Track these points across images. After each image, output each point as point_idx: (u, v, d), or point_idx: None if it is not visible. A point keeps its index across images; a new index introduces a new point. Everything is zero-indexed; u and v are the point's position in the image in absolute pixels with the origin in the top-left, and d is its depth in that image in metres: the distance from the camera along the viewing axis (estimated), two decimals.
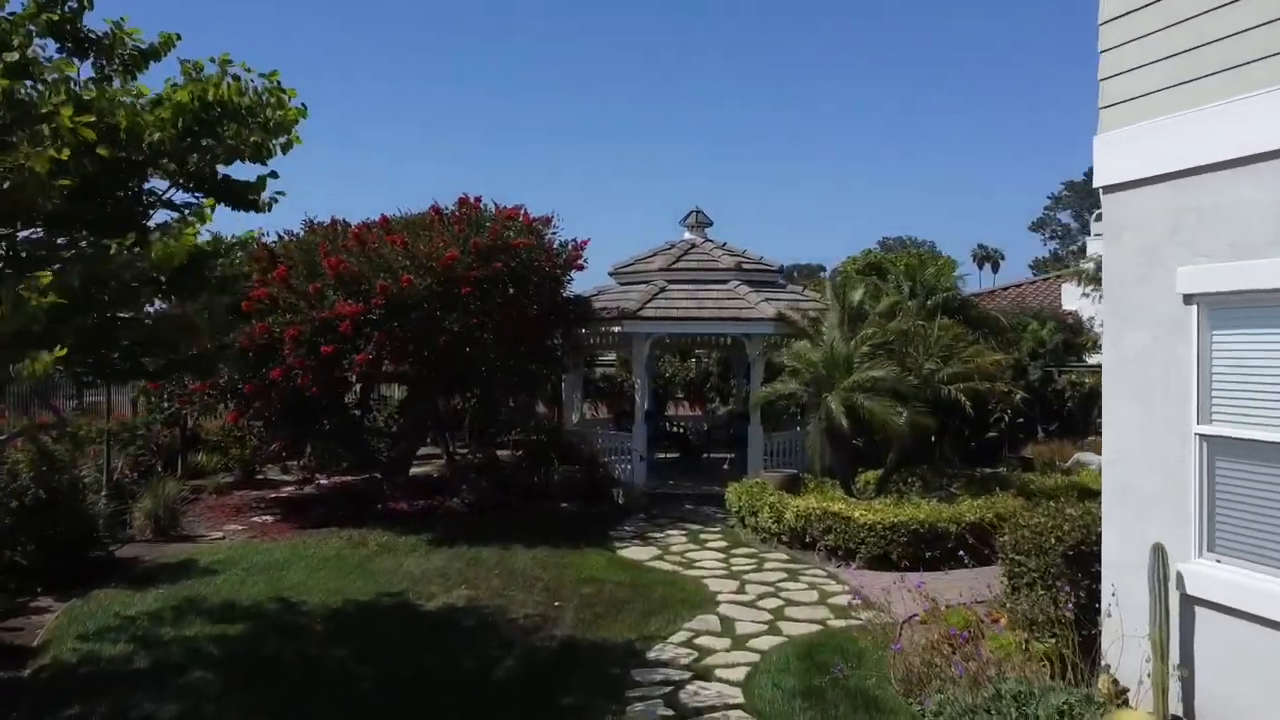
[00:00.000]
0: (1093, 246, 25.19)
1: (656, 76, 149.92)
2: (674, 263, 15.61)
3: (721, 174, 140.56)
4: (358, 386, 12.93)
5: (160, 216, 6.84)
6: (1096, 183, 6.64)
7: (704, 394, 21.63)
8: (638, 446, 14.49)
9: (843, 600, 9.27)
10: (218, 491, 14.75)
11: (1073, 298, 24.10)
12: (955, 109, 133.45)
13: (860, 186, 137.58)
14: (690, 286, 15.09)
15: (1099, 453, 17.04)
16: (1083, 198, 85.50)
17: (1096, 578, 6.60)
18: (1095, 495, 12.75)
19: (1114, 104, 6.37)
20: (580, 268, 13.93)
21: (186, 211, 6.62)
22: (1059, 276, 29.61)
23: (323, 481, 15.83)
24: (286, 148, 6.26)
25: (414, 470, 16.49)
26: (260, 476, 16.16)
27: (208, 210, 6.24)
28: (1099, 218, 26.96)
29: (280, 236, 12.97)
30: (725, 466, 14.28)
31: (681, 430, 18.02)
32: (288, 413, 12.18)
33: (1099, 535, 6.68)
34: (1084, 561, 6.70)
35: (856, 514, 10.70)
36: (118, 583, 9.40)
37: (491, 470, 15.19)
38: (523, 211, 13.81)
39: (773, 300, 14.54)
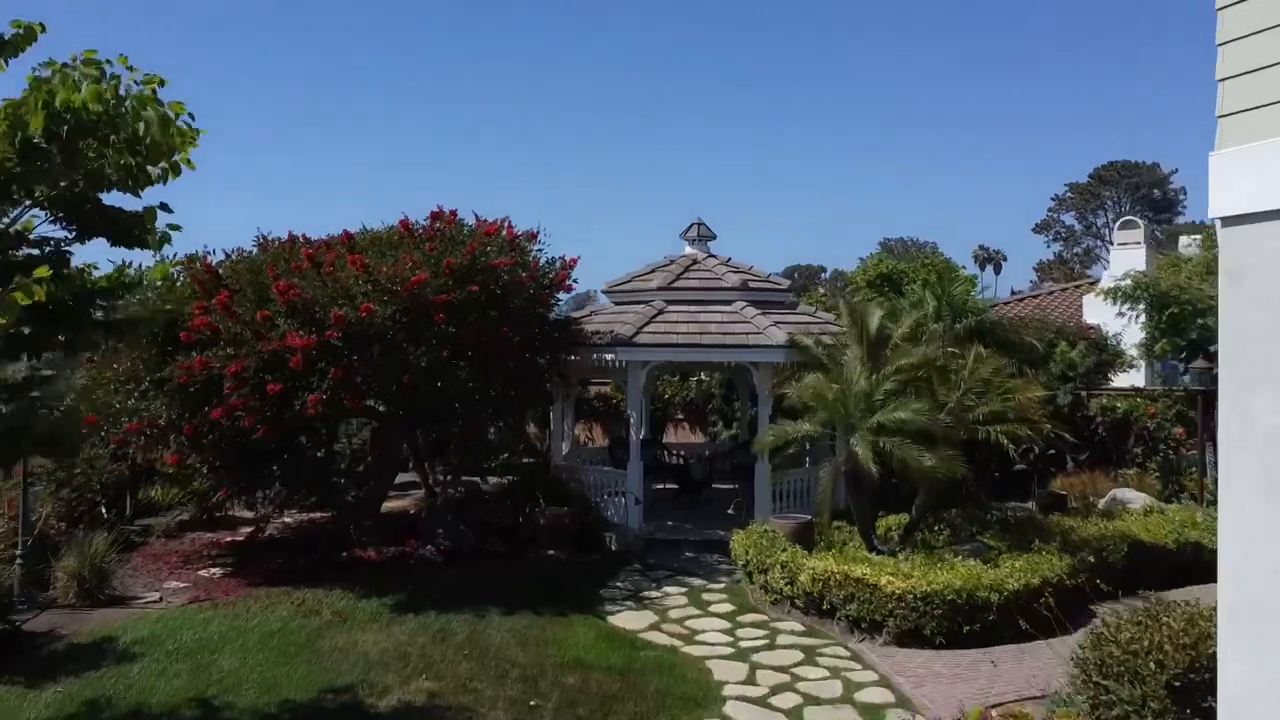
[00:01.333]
0: (1117, 257, 23.71)
1: (653, 73, 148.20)
2: (673, 281, 14.15)
3: (719, 173, 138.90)
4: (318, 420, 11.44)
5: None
6: (1212, 212, 5.20)
7: (705, 417, 20.17)
8: (633, 488, 13.05)
9: (872, 696, 7.84)
10: (166, 535, 13.31)
11: (1095, 309, 22.70)
12: (955, 108, 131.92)
13: (860, 186, 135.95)
14: (691, 308, 13.64)
15: (1135, 487, 15.81)
16: (1086, 199, 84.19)
17: (1210, 715, 5.19)
18: (1146, 549, 11.49)
19: (1241, 111, 4.93)
20: (568, 289, 12.56)
21: (46, 249, 5.24)
22: (1078, 287, 28.16)
23: (287, 519, 14.42)
24: (171, 174, 4.84)
25: (390, 504, 15.07)
26: (219, 514, 14.71)
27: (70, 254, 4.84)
28: (1124, 225, 25.61)
29: (228, 255, 11.53)
30: (730, 510, 12.85)
31: (680, 460, 16.58)
32: (235, 455, 10.74)
33: (1211, 658, 5.26)
34: (1193, 694, 5.30)
35: (883, 581, 9.27)
36: (13, 673, 7.93)
37: (473, 506, 13.77)
38: (505, 224, 12.42)
39: (783, 324, 13.10)
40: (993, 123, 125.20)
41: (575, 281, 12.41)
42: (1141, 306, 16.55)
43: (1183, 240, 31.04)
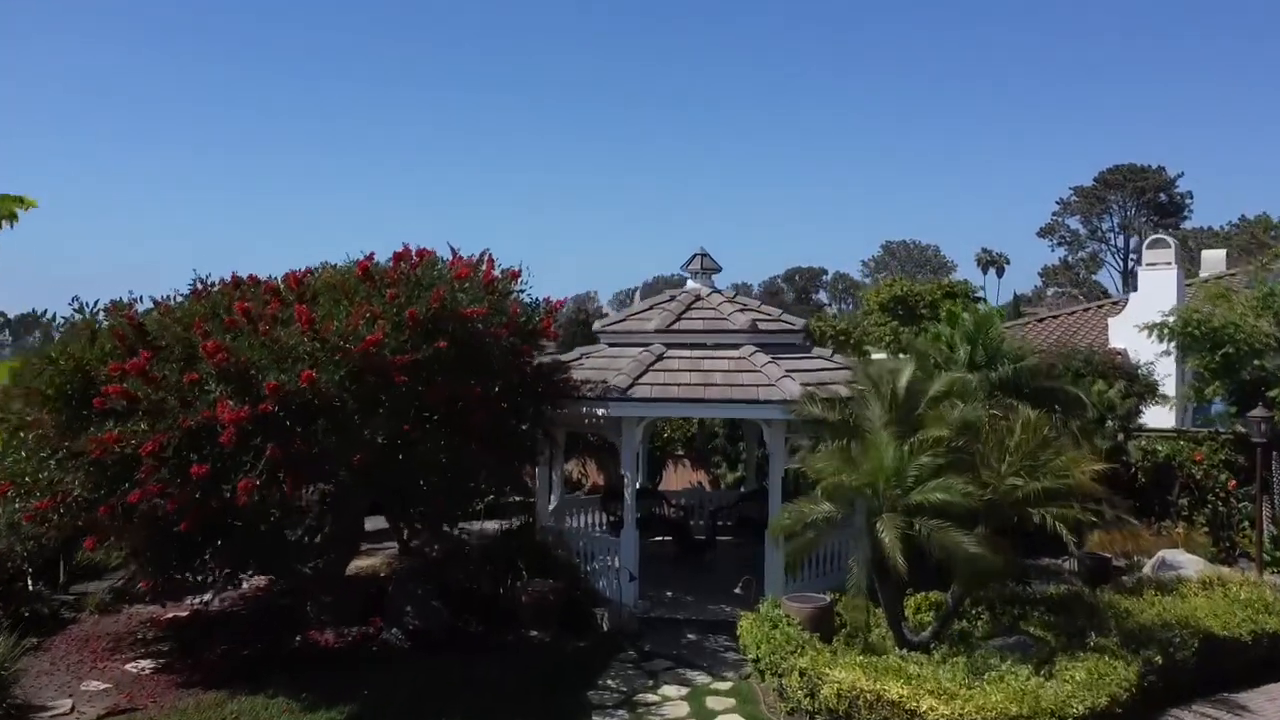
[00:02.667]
0: (1145, 278, 22.08)
1: (652, 73, 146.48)
2: (674, 322, 12.60)
3: (720, 172, 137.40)
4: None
5: None
6: None
7: (707, 458, 18.62)
8: (628, 562, 11.54)
9: None
10: (100, 609, 11.80)
11: (1121, 333, 21.22)
12: (956, 108, 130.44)
13: (860, 187, 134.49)
14: (694, 353, 12.11)
15: (1183, 544, 14.25)
16: (1091, 203, 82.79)
17: None
18: (1219, 642, 9.91)
19: None
20: (554, 336, 11.04)
21: None
22: (1100, 307, 26.66)
23: (243, 587, 12.85)
24: None
25: (359, 562, 13.57)
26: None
27: None
28: (1152, 244, 23.97)
29: (156, 303, 9.96)
30: (738, 590, 11.29)
31: (680, 513, 15.06)
32: (160, 540, 9.19)
33: None
34: None
35: (924, 706, 7.76)
36: None
37: (450, 567, 12.25)
38: (486, 259, 10.93)
39: (796, 371, 11.59)
40: (994, 123, 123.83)
41: (560, 329, 10.89)
42: (1175, 342, 15.08)
43: (1207, 255, 29.47)
